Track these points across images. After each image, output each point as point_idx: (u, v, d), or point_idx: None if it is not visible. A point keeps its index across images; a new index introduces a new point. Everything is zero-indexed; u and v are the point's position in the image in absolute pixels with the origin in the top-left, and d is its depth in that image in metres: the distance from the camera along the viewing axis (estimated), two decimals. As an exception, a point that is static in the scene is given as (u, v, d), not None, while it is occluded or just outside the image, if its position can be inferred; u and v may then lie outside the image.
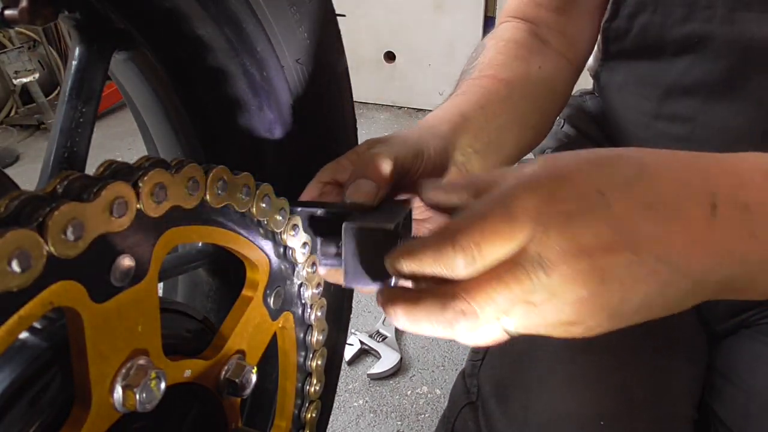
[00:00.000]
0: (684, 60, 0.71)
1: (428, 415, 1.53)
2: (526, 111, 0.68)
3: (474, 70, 0.70)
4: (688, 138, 0.75)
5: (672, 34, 0.71)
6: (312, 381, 0.56)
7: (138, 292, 0.33)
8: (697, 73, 0.71)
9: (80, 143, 0.48)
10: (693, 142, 0.75)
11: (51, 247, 0.26)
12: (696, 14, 0.67)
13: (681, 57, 0.72)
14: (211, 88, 0.54)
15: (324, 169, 0.54)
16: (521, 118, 0.67)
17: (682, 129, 0.75)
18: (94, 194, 0.28)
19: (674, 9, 0.69)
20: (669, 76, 0.74)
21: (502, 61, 0.69)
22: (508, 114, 0.64)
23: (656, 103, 0.77)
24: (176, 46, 0.52)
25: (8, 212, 0.27)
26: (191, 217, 0.36)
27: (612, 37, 0.78)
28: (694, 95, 0.72)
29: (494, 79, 0.66)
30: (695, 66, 0.71)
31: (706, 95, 0.71)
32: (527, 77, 0.69)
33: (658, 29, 0.72)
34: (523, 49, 0.72)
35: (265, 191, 0.42)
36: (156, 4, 0.47)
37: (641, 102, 0.80)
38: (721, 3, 0.65)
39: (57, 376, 0.32)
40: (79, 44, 0.48)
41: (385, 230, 0.40)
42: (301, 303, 0.51)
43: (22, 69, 2.90)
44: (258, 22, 0.50)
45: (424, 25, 2.98)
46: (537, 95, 0.70)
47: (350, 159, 0.53)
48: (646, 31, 0.73)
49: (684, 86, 0.73)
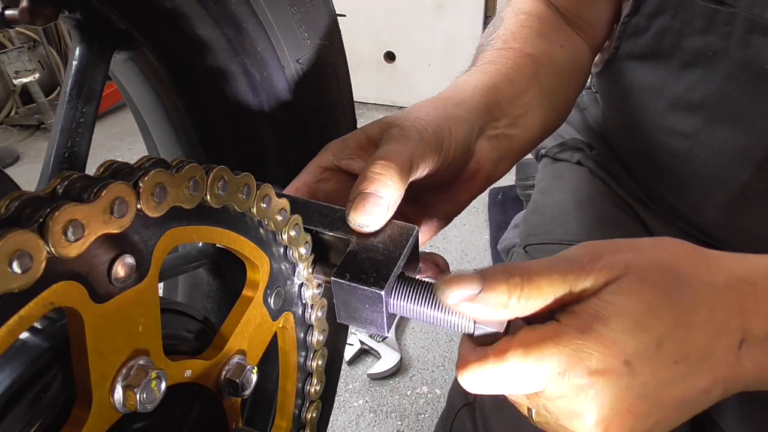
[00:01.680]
0: (694, 73, 0.70)
1: (428, 415, 1.53)
2: (552, 90, 0.65)
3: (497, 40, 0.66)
4: (686, 155, 0.74)
5: (689, 42, 0.69)
6: (312, 381, 0.56)
7: (138, 292, 0.33)
8: (705, 90, 0.69)
9: (81, 143, 0.48)
10: (690, 160, 0.74)
11: (51, 247, 0.26)
12: (714, 28, 0.66)
13: (692, 69, 0.70)
14: (211, 88, 0.54)
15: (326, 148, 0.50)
16: (547, 97, 0.64)
17: (681, 145, 0.74)
18: (95, 195, 0.28)
19: (694, 18, 0.67)
20: (676, 88, 0.73)
21: (526, 35, 0.66)
22: (534, 90, 0.62)
23: (659, 115, 0.76)
24: (177, 46, 0.52)
25: (9, 213, 0.27)
26: (192, 217, 0.36)
27: (629, 32, 0.76)
28: (698, 113, 0.71)
29: (521, 53, 0.63)
30: (705, 81, 0.69)
31: (710, 115, 0.70)
32: (552, 55, 0.66)
33: (676, 34, 0.70)
34: (545, 25, 0.69)
35: (266, 191, 0.42)
36: (156, 5, 0.47)
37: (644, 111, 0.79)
38: (739, 23, 0.63)
39: (58, 377, 0.32)
40: (80, 44, 0.48)
41: (375, 293, 0.40)
42: (302, 303, 0.51)
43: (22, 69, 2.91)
44: (258, 22, 0.50)
45: (424, 25, 2.98)
46: (561, 75, 0.67)
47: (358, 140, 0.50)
48: (663, 33, 0.71)
49: (689, 102, 0.72)
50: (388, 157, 0.44)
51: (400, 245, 0.42)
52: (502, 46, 0.65)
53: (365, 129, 0.50)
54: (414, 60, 3.13)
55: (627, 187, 0.89)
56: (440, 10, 2.92)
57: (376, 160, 0.44)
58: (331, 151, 0.50)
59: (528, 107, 0.60)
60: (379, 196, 0.43)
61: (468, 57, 0.70)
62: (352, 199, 0.44)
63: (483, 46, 0.68)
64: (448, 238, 2.23)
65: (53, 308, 0.27)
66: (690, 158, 0.74)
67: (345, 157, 0.49)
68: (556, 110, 0.67)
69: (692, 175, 0.75)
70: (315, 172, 0.50)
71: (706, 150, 0.72)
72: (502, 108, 0.57)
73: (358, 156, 0.49)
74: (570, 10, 0.75)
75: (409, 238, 0.43)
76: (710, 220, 0.75)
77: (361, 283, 0.40)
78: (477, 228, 2.28)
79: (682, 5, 0.68)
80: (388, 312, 0.42)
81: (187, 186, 0.34)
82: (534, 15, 0.71)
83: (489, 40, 0.68)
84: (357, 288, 0.40)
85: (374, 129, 0.50)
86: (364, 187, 0.43)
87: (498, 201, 2.23)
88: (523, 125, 0.60)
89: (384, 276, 0.41)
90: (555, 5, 0.75)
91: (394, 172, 0.44)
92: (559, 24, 0.73)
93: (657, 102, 0.76)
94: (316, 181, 0.50)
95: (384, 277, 0.40)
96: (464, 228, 2.27)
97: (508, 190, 2.24)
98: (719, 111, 0.69)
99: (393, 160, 0.44)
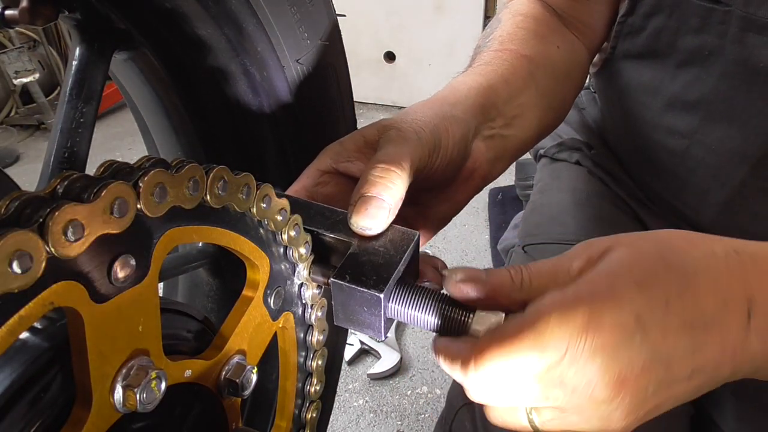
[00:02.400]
0: (690, 72, 0.70)
1: (428, 415, 1.53)
2: (548, 91, 0.65)
3: (493, 42, 0.67)
4: (683, 154, 0.74)
5: (684, 42, 0.69)
6: (312, 381, 0.56)
7: (138, 292, 0.33)
8: (701, 89, 0.70)
9: (81, 143, 0.48)
10: (688, 159, 0.74)
11: (51, 247, 0.26)
12: (710, 27, 0.66)
13: (688, 68, 0.71)
14: (211, 89, 0.54)
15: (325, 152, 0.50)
16: (543, 97, 0.64)
17: (679, 144, 0.75)
18: (95, 195, 0.28)
19: (690, 17, 0.68)
20: (673, 87, 0.73)
21: (522, 37, 0.67)
22: (531, 91, 0.62)
23: (656, 114, 0.76)
24: (177, 47, 0.52)
25: (9, 213, 0.27)
26: (192, 217, 0.36)
27: (626, 32, 0.76)
28: (694, 112, 0.71)
29: (517, 54, 0.64)
30: (700, 80, 0.70)
31: (706, 113, 0.70)
32: (548, 56, 0.67)
33: (672, 34, 0.71)
34: (542, 27, 0.70)
35: (266, 191, 0.42)
36: (156, 5, 0.47)
37: (641, 110, 0.79)
38: (734, 21, 0.64)
39: (58, 377, 0.32)
40: (80, 44, 0.48)
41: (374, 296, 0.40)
42: (302, 303, 0.51)
43: (22, 69, 2.91)
44: (258, 22, 0.50)
45: (424, 25, 2.98)
46: (558, 76, 0.68)
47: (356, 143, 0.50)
48: (659, 32, 0.72)
49: (685, 101, 0.72)
50: (388, 160, 0.44)
51: (401, 250, 0.43)
52: (498, 47, 0.65)
53: (363, 131, 0.50)
54: (414, 60, 3.13)
55: (625, 187, 0.89)
56: (440, 10, 2.93)
57: (377, 163, 0.44)
58: (329, 154, 0.50)
59: (524, 108, 0.60)
60: (381, 199, 0.43)
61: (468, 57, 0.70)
62: (354, 203, 0.44)
63: (480, 47, 0.69)
64: (448, 238, 2.23)
65: (53, 308, 0.28)
66: (687, 157, 0.74)
67: (343, 160, 0.49)
68: (552, 111, 0.67)
69: (690, 173, 0.75)
70: (313, 175, 0.50)
71: (703, 149, 0.72)
72: (498, 108, 0.58)
73: (356, 159, 0.49)
74: (567, 12, 0.76)
75: (411, 243, 0.43)
76: (709, 219, 0.75)
77: (361, 286, 0.40)
78: (477, 228, 2.28)
79: (677, 5, 0.68)
80: (386, 316, 0.42)
81: (187, 186, 0.34)
82: (531, 16, 0.71)
83: (486, 41, 0.68)
84: (356, 290, 0.40)
85: (372, 131, 0.50)
86: (366, 191, 0.43)
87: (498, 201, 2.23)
88: (519, 125, 0.60)
89: (384, 279, 0.41)
90: (552, 7, 0.75)
91: (395, 175, 0.44)
92: (556, 25, 0.73)
93: (654, 101, 0.76)
94: (314, 184, 0.49)
95: (384, 281, 0.40)
96: (464, 228, 2.28)
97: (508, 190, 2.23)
98: (715, 110, 0.69)
99: (393, 162, 0.44)
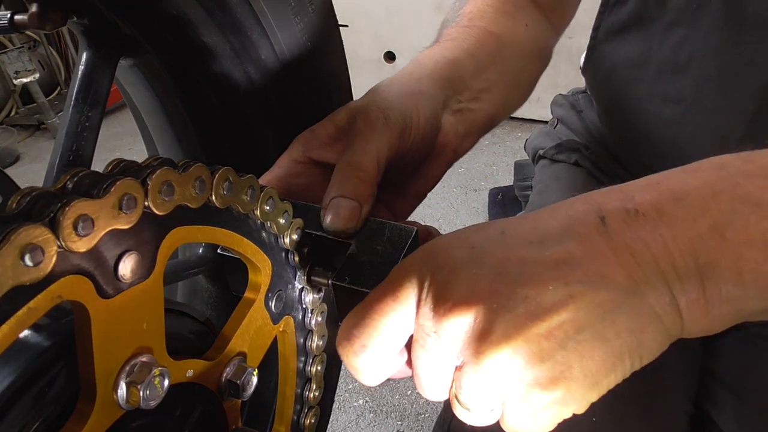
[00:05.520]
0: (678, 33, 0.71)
1: (428, 415, 1.52)
2: (515, 68, 0.66)
3: (462, 18, 0.67)
4: (680, 121, 0.74)
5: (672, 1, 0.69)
6: (311, 387, 0.56)
7: (143, 289, 0.33)
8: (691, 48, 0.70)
9: (86, 146, 0.49)
10: (686, 126, 0.74)
11: (62, 242, 0.27)
12: None
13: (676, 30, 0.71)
14: (214, 95, 0.55)
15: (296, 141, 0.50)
16: (511, 74, 0.65)
17: (674, 111, 0.75)
18: (104, 190, 0.29)
19: None
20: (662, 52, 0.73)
21: (491, 15, 0.67)
22: (498, 67, 0.62)
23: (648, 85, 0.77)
24: (182, 53, 0.53)
25: (20, 208, 0.27)
26: (196, 217, 0.36)
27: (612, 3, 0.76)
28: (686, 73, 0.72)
29: (485, 31, 0.64)
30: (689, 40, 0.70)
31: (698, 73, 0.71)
32: (516, 34, 0.67)
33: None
34: (510, 5, 0.70)
35: (270, 194, 0.42)
36: (163, 11, 0.48)
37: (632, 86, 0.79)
38: None
39: (62, 372, 0.33)
40: (87, 49, 0.49)
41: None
42: (302, 307, 0.51)
43: (22, 69, 2.92)
44: (262, 29, 0.51)
45: (424, 25, 2.99)
46: (525, 54, 0.68)
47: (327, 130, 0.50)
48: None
49: (676, 63, 0.72)
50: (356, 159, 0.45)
51: (400, 247, 0.43)
52: (467, 24, 0.65)
53: (332, 118, 0.51)
54: (414, 60, 3.14)
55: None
56: (440, 10, 2.93)
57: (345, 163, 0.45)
58: (300, 142, 0.50)
59: (491, 83, 0.61)
60: (350, 200, 0.44)
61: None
62: (325, 206, 0.44)
63: (448, 21, 0.69)
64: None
65: (61, 301, 0.28)
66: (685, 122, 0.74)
67: (315, 148, 0.50)
68: (519, 88, 0.68)
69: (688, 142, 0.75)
70: (286, 165, 0.49)
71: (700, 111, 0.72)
72: (465, 81, 0.58)
73: (328, 145, 0.50)
74: None
75: (408, 240, 0.44)
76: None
77: (361, 286, 0.41)
78: (476, 230, 2.27)
79: None
80: None
81: (193, 185, 0.34)
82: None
83: (455, 16, 0.69)
84: (357, 291, 0.41)
85: (341, 117, 0.50)
86: (336, 192, 0.44)
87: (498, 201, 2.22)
88: (486, 100, 0.60)
89: (383, 278, 0.41)
90: None
91: (364, 174, 0.45)
92: (524, 3, 0.74)
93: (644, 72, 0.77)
94: (287, 175, 0.49)
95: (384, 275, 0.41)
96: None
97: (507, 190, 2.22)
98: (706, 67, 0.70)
99: (361, 159, 0.45)
